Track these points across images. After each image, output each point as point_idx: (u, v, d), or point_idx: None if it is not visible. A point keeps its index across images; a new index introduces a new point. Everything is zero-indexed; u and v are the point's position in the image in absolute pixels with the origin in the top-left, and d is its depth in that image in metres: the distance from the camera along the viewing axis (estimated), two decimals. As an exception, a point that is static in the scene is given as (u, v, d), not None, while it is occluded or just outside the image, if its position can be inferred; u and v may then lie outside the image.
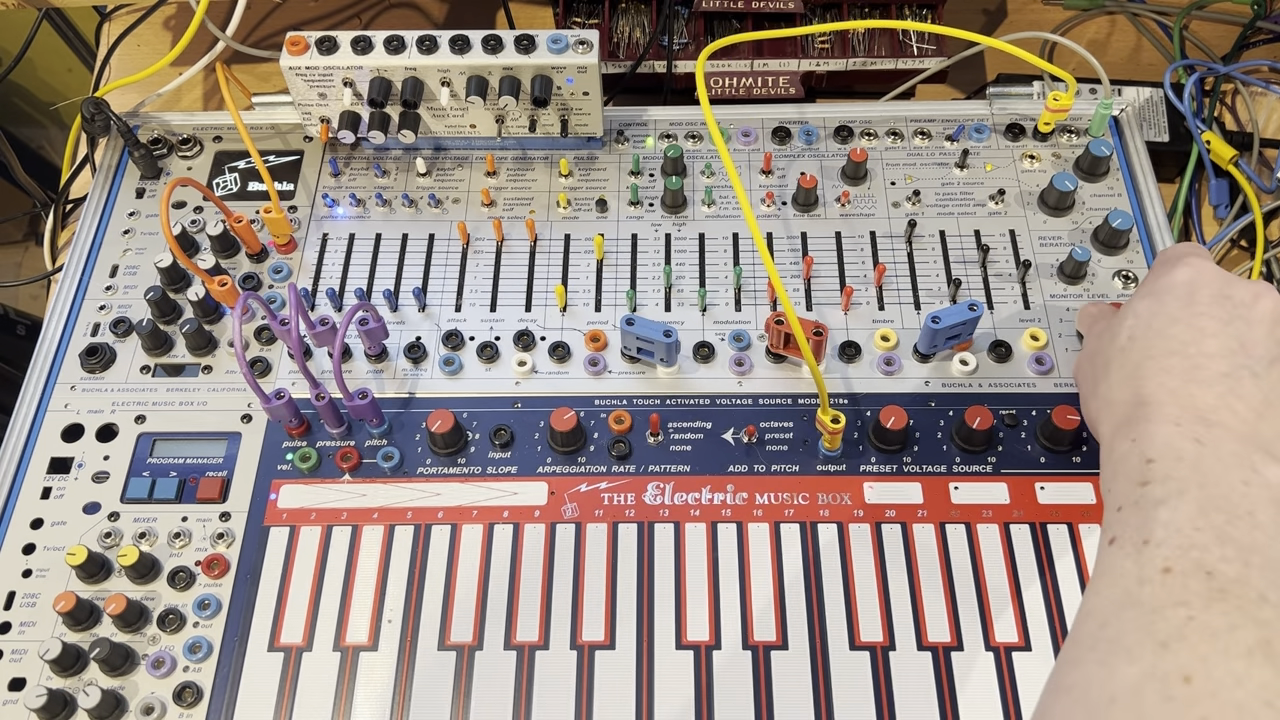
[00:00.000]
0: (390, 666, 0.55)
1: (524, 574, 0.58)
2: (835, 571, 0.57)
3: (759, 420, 0.62)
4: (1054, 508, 0.59)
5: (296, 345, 0.62)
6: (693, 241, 0.70)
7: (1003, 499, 0.59)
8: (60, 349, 0.67)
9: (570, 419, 0.60)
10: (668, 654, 0.55)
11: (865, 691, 0.54)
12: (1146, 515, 0.42)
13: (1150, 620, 0.39)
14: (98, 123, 0.73)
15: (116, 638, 0.56)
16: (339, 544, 0.59)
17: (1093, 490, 0.59)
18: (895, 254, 0.69)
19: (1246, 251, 0.78)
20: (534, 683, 0.54)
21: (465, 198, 0.73)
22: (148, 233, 0.72)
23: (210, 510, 0.60)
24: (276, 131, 0.76)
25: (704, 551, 0.58)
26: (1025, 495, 0.59)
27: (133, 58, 0.91)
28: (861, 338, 0.65)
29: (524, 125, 0.71)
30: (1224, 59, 0.86)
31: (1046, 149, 0.73)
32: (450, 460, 0.62)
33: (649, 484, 0.60)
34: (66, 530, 0.60)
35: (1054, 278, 0.68)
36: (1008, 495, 0.59)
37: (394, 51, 0.68)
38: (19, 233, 1.55)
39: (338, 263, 0.70)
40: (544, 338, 0.66)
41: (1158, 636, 0.38)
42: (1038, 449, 0.61)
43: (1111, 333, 0.52)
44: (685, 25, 0.82)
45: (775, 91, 0.81)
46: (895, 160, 0.73)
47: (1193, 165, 0.78)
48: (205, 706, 0.55)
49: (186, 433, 0.63)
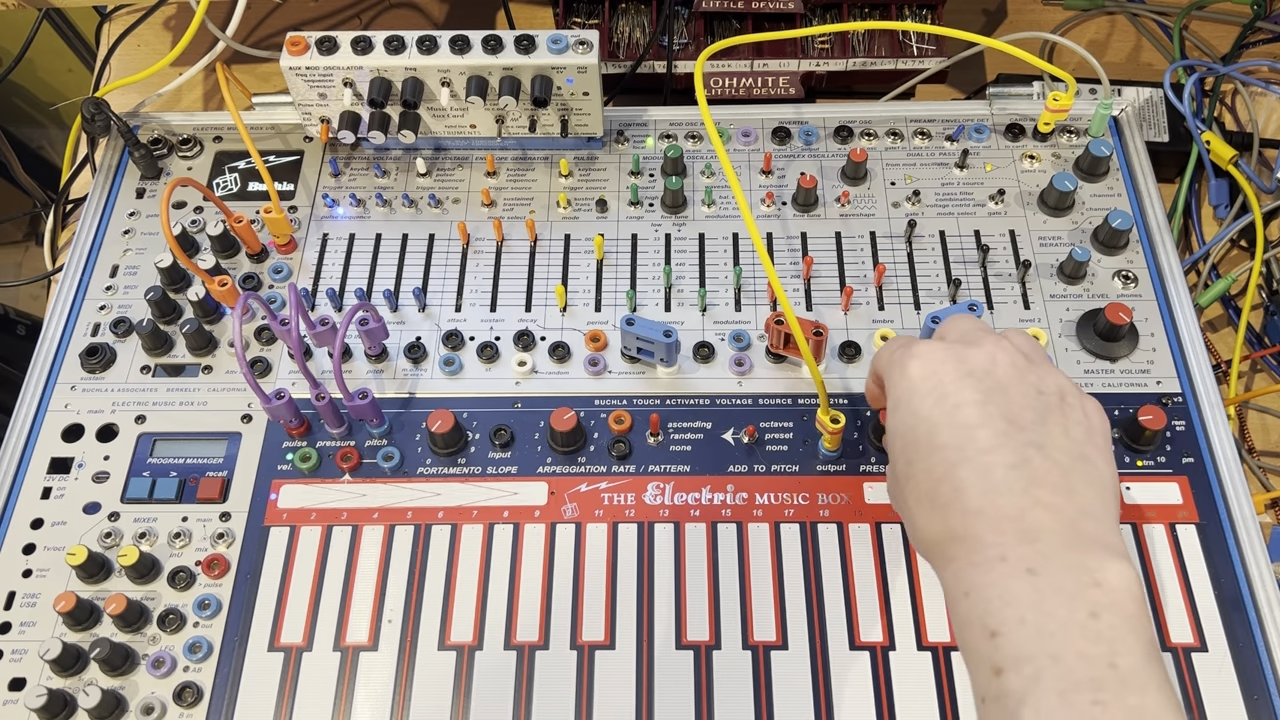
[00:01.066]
0: (390, 666, 0.55)
1: (524, 574, 0.58)
2: (835, 571, 0.57)
3: (759, 420, 0.62)
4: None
5: (296, 345, 0.62)
6: (693, 241, 0.70)
7: (1002, 499, 0.59)
8: (60, 349, 0.67)
9: (570, 419, 0.60)
10: (668, 654, 0.55)
11: (865, 691, 0.54)
12: (1013, 719, 0.40)
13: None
14: (98, 123, 0.73)
15: (116, 638, 0.56)
16: (339, 544, 0.59)
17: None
18: (895, 254, 0.69)
19: (1246, 251, 0.78)
20: (534, 683, 0.54)
21: (465, 198, 0.73)
22: (148, 233, 0.72)
23: (210, 510, 0.60)
24: (276, 131, 0.76)
25: (704, 551, 0.58)
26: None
27: (133, 58, 0.91)
28: (861, 338, 0.65)
29: (524, 125, 0.71)
30: (1224, 59, 0.86)
31: (1046, 149, 0.73)
32: (450, 460, 0.62)
33: (649, 484, 0.60)
34: (67, 530, 0.60)
35: (1054, 278, 0.68)
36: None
37: (394, 51, 0.68)
38: (19, 233, 1.55)
39: (338, 263, 0.70)
40: (544, 338, 0.66)
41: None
42: (1037, 449, 0.61)
43: (892, 464, 0.50)
44: (685, 25, 0.82)
45: (775, 92, 0.81)
46: (895, 160, 0.73)
47: (1192, 165, 0.78)
48: (205, 706, 0.55)
49: (187, 433, 0.63)
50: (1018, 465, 0.44)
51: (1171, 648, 0.55)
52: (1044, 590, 0.41)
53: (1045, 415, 0.46)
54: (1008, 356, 0.48)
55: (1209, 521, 0.59)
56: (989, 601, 0.42)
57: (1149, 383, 0.63)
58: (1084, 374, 0.64)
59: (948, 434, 0.46)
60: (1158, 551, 0.58)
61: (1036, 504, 0.43)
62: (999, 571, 0.42)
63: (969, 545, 0.44)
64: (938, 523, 0.46)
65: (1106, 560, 0.42)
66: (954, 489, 0.45)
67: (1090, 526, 0.43)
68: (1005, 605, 0.42)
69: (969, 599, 0.43)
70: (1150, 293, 0.67)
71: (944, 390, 0.47)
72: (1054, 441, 0.45)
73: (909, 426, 0.47)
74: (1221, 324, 0.77)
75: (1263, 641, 0.55)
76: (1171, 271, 0.67)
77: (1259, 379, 0.75)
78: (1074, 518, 0.43)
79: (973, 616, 0.43)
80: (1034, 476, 0.44)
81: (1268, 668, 0.54)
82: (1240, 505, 0.59)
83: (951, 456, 0.45)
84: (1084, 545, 0.43)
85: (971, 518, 0.44)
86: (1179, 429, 0.62)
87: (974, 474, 0.44)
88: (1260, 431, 0.72)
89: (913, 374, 0.48)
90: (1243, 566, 0.57)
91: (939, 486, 0.45)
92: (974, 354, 0.48)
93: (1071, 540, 0.43)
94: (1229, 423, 0.62)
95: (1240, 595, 0.56)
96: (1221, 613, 0.56)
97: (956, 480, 0.45)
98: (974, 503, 0.44)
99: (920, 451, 0.47)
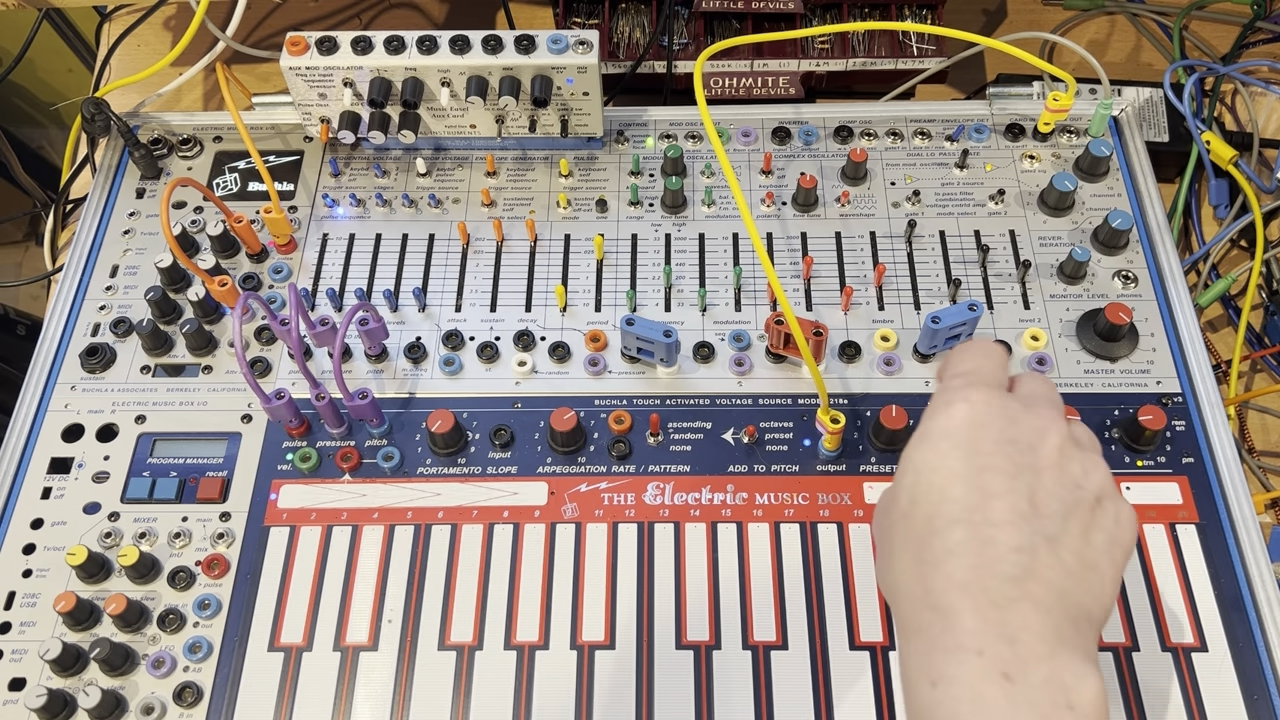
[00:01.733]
0: (390, 666, 0.55)
1: (524, 574, 0.58)
2: (835, 571, 0.57)
3: (759, 420, 0.62)
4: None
5: (296, 345, 0.62)
6: (693, 241, 0.70)
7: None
8: (60, 349, 0.67)
9: (570, 419, 0.60)
10: (668, 654, 0.55)
11: (865, 691, 0.54)
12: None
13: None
14: (98, 123, 0.73)
15: (116, 638, 0.56)
16: (339, 544, 0.59)
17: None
18: (895, 254, 0.69)
19: (1246, 251, 0.79)
20: (534, 683, 0.54)
21: (465, 198, 0.73)
22: (148, 233, 0.72)
23: (210, 510, 0.60)
24: (276, 131, 0.76)
25: (704, 551, 0.58)
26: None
27: (133, 58, 0.91)
28: (861, 338, 0.65)
29: (524, 125, 0.71)
30: (1224, 59, 0.86)
31: (1046, 149, 0.73)
32: (450, 460, 0.62)
33: (649, 484, 0.60)
34: (67, 530, 0.60)
35: (1054, 278, 0.68)
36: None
37: (394, 52, 0.68)
38: (19, 233, 1.55)
39: (338, 263, 0.70)
40: (544, 338, 0.66)
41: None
42: (1037, 449, 0.61)
43: (894, 492, 0.46)
44: (685, 25, 0.82)
45: (775, 92, 0.81)
46: (895, 160, 0.73)
47: (1192, 165, 0.78)
48: (205, 706, 0.55)
49: (187, 433, 0.63)
50: (1022, 550, 0.41)
51: (1171, 648, 0.55)
52: (1019, 703, 0.39)
53: (1072, 511, 0.43)
54: (1058, 439, 0.44)
55: (1209, 521, 0.59)
56: (958, 703, 0.39)
57: (1149, 383, 0.63)
58: (1084, 374, 0.64)
59: (962, 490, 0.43)
60: (1158, 551, 0.57)
61: (1026, 598, 0.40)
62: (972, 668, 0.40)
63: (945, 622, 0.41)
64: (918, 580, 0.43)
65: (1083, 677, 0.40)
66: (946, 549, 0.42)
67: (1073, 634, 0.41)
68: (976, 712, 0.39)
69: (936, 690, 0.40)
70: (1150, 293, 0.67)
71: (979, 448, 0.44)
72: (1069, 541, 0.42)
73: (929, 467, 0.44)
74: (1221, 324, 0.77)
75: (1263, 641, 0.55)
76: (1171, 271, 0.67)
77: (1259, 379, 0.75)
78: (1061, 623, 0.41)
79: (938, 714, 0.40)
80: (1033, 569, 0.41)
81: (1268, 668, 0.54)
82: (1240, 505, 0.59)
83: (957, 514, 0.42)
84: (1064, 655, 0.40)
85: (955, 591, 0.41)
86: (1179, 429, 0.62)
87: (973, 543, 0.42)
88: (1260, 431, 0.72)
89: (956, 416, 0.45)
90: (1243, 566, 0.57)
91: (931, 539, 0.43)
92: (1026, 422, 0.44)
93: (1053, 647, 0.40)
94: (1229, 423, 0.62)
95: (1240, 595, 0.56)
96: (1221, 613, 0.56)
97: (952, 541, 0.42)
98: (961, 574, 0.41)
99: (929, 495, 0.44)
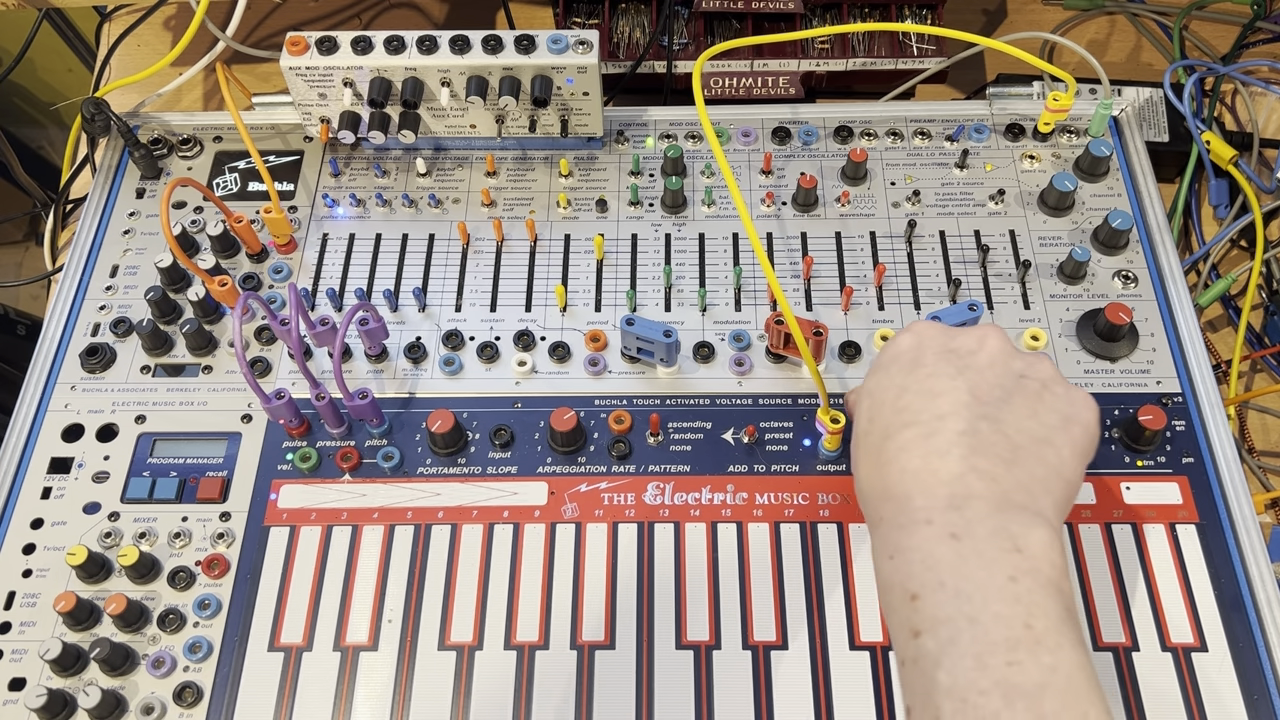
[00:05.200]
0: (390, 666, 0.55)
1: (524, 574, 0.58)
2: (835, 571, 0.57)
3: (759, 420, 0.62)
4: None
5: (296, 345, 0.62)
6: (693, 241, 0.70)
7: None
8: (60, 349, 0.67)
9: (570, 419, 0.60)
10: (668, 654, 0.55)
11: (865, 691, 0.54)
12: (929, 681, 0.40)
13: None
14: (98, 123, 0.73)
15: (116, 638, 0.56)
16: (339, 544, 0.59)
17: (1092, 490, 0.59)
18: (895, 254, 0.69)
19: (1246, 251, 0.79)
20: (534, 683, 0.54)
21: (465, 198, 0.73)
22: (148, 233, 0.72)
23: (210, 510, 0.60)
24: (276, 131, 0.76)
25: (704, 551, 0.58)
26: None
27: (133, 58, 0.91)
28: (861, 338, 0.65)
29: (524, 125, 0.71)
30: (1224, 59, 0.86)
31: (1046, 149, 0.73)
32: (450, 460, 0.62)
33: (649, 484, 0.60)
34: (66, 530, 0.60)
35: (1054, 278, 0.68)
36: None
37: (394, 51, 0.68)
38: (19, 233, 1.55)
39: (338, 263, 0.70)
40: (544, 338, 0.66)
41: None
42: (1037, 449, 0.61)
43: (855, 420, 0.51)
44: (685, 25, 0.82)
45: (775, 92, 0.81)
46: (895, 160, 0.73)
47: (1192, 165, 0.78)
48: (205, 706, 0.55)
49: (187, 433, 0.63)
50: (965, 433, 0.45)
51: (1172, 648, 0.55)
52: (965, 554, 0.42)
53: (1014, 394, 0.47)
54: (997, 344, 0.49)
55: (1209, 521, 0.59)
56: (911, 565, 0.43)
57: (1149, 383, 0.63)
58: (1084, 374, 0.64)
59: (912, 398, 0.47)
60: (1158, 551, 0.57)
61: (972, 470, 0.44)
62: (923, 535, 0.43)
63: (898, 505, 0.44)
64: (877, 479, 0.46)
65: (1031, 526, 0.42)
66: (899, 447, 0.46)
67: (1022, 497, 0.44)
68: (926, 569, 0.42)
69: (893, 562, 0.44)
70: (1150, 293, 0.67)
71: (922, 360, 0.48)
72: (1013, 419, 0.46)
73: (881, 387, 0.49)
74: (1221, 324, 0.77)
75: (1263, 641, 0.55)
76: (1171, 271, 0.67)
77: (1259, 379, 0.75)
78: (1009, 489, 0.44)
79: (895, 580, 0.43)
80: (977, 445, 0.44)
81: (1268, 668, 0.54)
82: (1240, 505, 0.59)
83: (907, 418, 0.46)
84: (1011, 511, 0.43)
85: (908, 477, 0.45)
86: (1179, 429, 0.62)
87: (920, 437, 0.45)
88: (1260, 431, 0.72)
89: (900, 343, 0.50)
90: (1243, 566, 0.57)
91: (886, 443, 0.47)
92: (963, 336, 0.49)
93: (999, 506, 0.43)
94: (1229, 423, 0.62)
95: (1240, 595, 0.56)
96: (1221, 613, 0.56)
97: (903, 439, 0.46)
98: (913, 463, 0.45)
99: (882, 411, 0.48)
